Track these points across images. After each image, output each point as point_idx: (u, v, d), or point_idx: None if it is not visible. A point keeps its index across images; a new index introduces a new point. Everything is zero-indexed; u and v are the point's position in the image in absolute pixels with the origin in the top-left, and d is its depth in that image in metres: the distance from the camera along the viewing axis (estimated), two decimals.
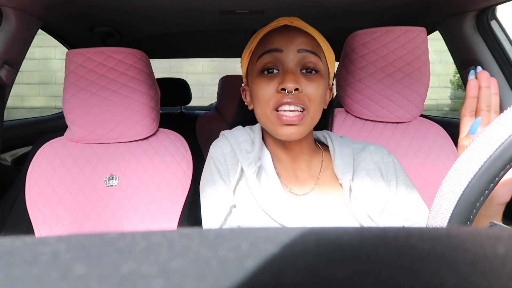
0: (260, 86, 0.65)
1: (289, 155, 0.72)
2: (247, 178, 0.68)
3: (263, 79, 0.65)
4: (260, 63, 0.65)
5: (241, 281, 0.14)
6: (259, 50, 0.67)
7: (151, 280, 0.13)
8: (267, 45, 0.66)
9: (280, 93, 0.62)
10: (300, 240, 0.16)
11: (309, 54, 0.64)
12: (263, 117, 0.66)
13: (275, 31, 0.67)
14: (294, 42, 0.64)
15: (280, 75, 0.64)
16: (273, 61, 0.65)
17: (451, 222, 0.35)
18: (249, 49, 0.70)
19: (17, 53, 1.18)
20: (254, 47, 0.69)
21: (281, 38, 0.65)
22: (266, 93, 0.64)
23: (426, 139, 1.05)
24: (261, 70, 0.65)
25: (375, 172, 0.71)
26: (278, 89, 0.62)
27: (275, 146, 0.73)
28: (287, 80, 0.61)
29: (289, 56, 0.64)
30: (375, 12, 1.36)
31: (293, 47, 0.64)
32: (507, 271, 0.14)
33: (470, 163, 0.35)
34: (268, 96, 0.63)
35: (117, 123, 1.02)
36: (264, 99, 0.64)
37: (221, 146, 0.73)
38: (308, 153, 0.72)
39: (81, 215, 0.98)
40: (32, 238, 0.16)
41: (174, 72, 5.32)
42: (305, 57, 0.64)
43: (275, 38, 0.66)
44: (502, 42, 1.22)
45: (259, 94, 0.65)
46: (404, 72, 1.02)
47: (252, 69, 0.68)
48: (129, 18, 1.44)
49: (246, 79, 0.74)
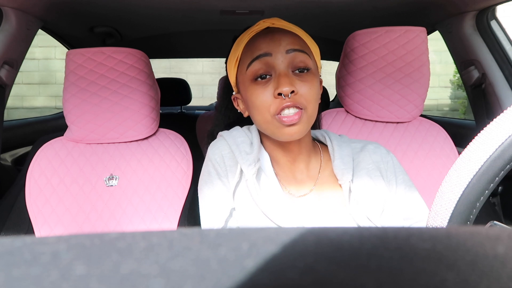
0: (256, 94, 0.64)
1: (287, 156, 0.71)
2: (246, 180, 0.68)
3: (257, 87, 0.64)
4: (251, 71, 0.65)
5: (241, 281, 0.14)
6: (246, 57, 0.66)
7: (151, 280, 0.13)
8: (255, 52, 0.65)
9: (277, 98, 0.62)
10: (300, 240, 0.16)
11: (298, 53, 0.64)
12: (263, 123, 0.66)
13: (259, 36, 0.66)
14: (281, 43, 0.64)
15: (273, 79, 0.63)
16: (263, 67, 0.64)
17: (451, 222, 0.35)
18: (235, 57, 0.69)
19: (17, 53, 1.18)
20: (240, 55, 0.68)
21: (267, 41, 0.64)
22: (263, 100, 0.63)
23: (426, 139, 1.05)
24: (253, 78, 0.65)
25: (374, 171, 0.71)
26: (275, 94, 0.62)
27: (273, 147, 0.72)
28: (282, 84, 0.61)
29: (279, 59, 0.63)
30: (375, 12, 1.36)
31: (281, 49, 0.63)
32: (507, 271, 0.14)
33: (470, 163, 0.35)
34: (267, 103, 0.63)
35: (117, 123, 1.02)
36: (263, 106, 0.63)
37: (219, 147, 0.73)
38: (306, 153, 0.72)
39: (81, 215, 0.98)
40: (32, 238, 0.16)
41: (174, 72, 5.31)
42: (295, 57, 0.64)
43: (261, 42, 0.65)
44: (502, 42, 1.22)
45: (256, 102, 0.64)
46: (404, 72, 1.02)
47: (243, 78, 0.68)
48: (129, 18, 1.44)
49: (237, 88, 0.73)
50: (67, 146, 1.04)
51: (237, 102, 0.75)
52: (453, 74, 5.16)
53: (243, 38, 0.69)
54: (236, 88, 0.73)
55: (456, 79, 5.16)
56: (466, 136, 0.70)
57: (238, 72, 0.70)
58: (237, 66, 0.70)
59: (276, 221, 0.65)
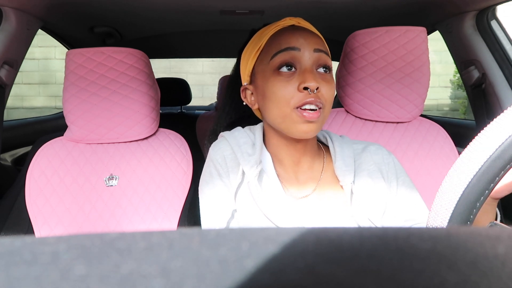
0: (279, 86, 0.63)
1: (292, 156, 0.71)
2: (248, 181, 0.67)
3: (281, 78, 0.64)
4: (277, 61, 0.64)
5: (241, 281, 0.14)
6: (271, 48, 0.66)
7: (151, 280, 0.13)
8: (282, 43, 0.65)
9: (301, 92, 0.62)
10: (300, 240, 0.16)
11: (323, 54, 0.65)
12: (279, 117, 0.65)
13: (286, 30, 0.67)
14: (310, 42, 0.64)
15: (298, 73, 0.63)
16: (290, 59, 0.64)
17: (451, 222, 0.35)
18: (257, 47, 0.69)
19: (17, 53, 1.18)
20: (263, 46, 0.68)
21: (296, 36, 0.65)
22: (286, 92, 0.63)
23: (426, 139, 1.05)
24: (277, 68, 0.64)
25: (376, 173, 0.71)
26: (300, 88, 0.62)
27: (279, 147, 0.71)
28: (309, 79, 0.61)
29: (306, 55, 0.64)
30: (375, 12, 1.36)
31: (309, 47, 0.64)
32: (507, 271, 0.14)
33: (470, 163, 0.35)
34: (289, 95, 0.62)
35: (117, 123, 1.02)
36: (284, 98, 0.63)
37: (221, 148, 0.72)
38: (311, 154, 0.72)
39: (81, 215, 0.98)
40: (32, 238, 0.16)
41: (174, 72, 5.31)
42: (320, 57, 0.65)
43: (290, 37, 0.65)
44: (502, 42, 1.22)
45: (277, 93, 0.64)
46: (404, 72, 1.02)
47: (263, 68, 0.67)
48: (129, 18, 1.44)
49: (250, 78, 0.72)
50: (67, 146, 1.04)
51: (245, 93, 0.74)
52: (453, 74, 5.16)
53: (267, 30, 0.69)
54: (249, 79, 0.72)
55: (456, 79, 5.16)
56: (466, 136, 0.70)
57: (257, 61, 0.69)
58: (257, 56, 0.69)
59: (277, 223, 0.65)
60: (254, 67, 0.70)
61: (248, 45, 0.73)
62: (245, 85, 0.74)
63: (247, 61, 0.72)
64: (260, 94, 0.69)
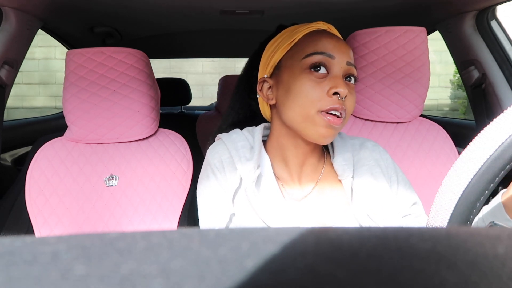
0: (309, 85, 0.63)
1: (298, 158, 0.70)
2: (245, 188, 0.66)
3: (312, 77, 0.63)
4: (311, 60, 0.64)
5: (241, 281, 0.14)
6: (307, 47, 0.65)
7: (151, 280, 0.13)
8: (319, 47, 0.65)
9: (330, 97, 0.62)
10: (300, 240, 0.16)
11: (353, 68, 0.66)
12: (300, 116, 0.64)
13: (323, 34, 0.66)
14: (344, 53, 0.65)
15: (329, 78, 0.64)
16: (326, 62, 0.64)
17: (451, 222, 0.35)
18: (289, 41, 0.68)
19: (17, 53, 1.18)
20: (296, 42, 0.68)
21: (333, 44, 0.65)
22: (315, 93, 0.63)
23: (426, 139, 1.05)
24: (310, 67, 0.64)
25: (375, 168, 0.71)
26: (330, 92, 0.62)
27: (286, 148, 0.70)
28: (341, 85, 0.61)
29: (339, 65, 0.64)
30: (375, 12, 1.36)
31: (343, 58, 0.65)
32: (507, 271, 0.14)
33: (470, 163, 0.35)
34: (317, 97, 0.62)
35: (117, 123, 1.02)
36: (311, 99, 0.63)
37: (218, 151, 0.71)
38: (317, 156, 0.72)
39: (81, 215, 0.98)
40: (32, 238, 0.16)
41: (174, 72, 5.31)
42: (350, 70, 0.66)
43: (328, 42, 0.65)
44: (502, 42, 1.22)
45: (305, 92, 0.63)
46: (404, 72, 1.02)
47: (293, 63, 0.66)
48: (129, 18, 1.44)
49: (273, 70, 0.71)
50: (67, 146, 1.04)
51: (262, 86, 0.72)
52: (453, 74, 5.16)
53: (300, 28, 0.69)
54: (271, 71, 0.71)
55: (456, 79, 5.16)
56: (466, 136, 0.70)
57: (287, 56, 0.68)
58: (286, 50, 0.69)
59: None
60: (281, 60, 0.69)
61: (276, 38, 0.71)
62: (264, 77, 0.71)
63: (273, 54, 0.70)
64: (283, 89, 0.67)
